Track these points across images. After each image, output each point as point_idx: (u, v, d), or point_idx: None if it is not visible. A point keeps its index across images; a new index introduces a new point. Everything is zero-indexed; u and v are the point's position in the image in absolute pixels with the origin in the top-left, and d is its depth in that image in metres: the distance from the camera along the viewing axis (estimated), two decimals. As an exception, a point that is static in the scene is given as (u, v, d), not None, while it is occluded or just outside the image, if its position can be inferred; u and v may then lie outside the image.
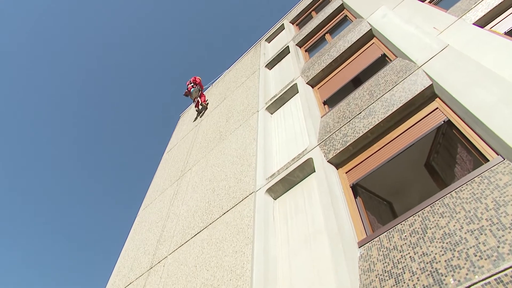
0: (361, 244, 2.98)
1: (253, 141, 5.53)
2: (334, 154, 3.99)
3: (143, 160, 33.54)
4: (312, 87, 5.82)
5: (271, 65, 8.06)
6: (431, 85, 3.52)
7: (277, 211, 4.19)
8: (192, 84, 9.73)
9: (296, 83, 6.01)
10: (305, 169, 4.23)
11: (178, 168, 7.20)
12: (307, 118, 4.97)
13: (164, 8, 30.30)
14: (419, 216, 2.72)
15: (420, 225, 2.64)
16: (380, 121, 3.76)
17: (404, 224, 2.78)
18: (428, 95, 3.56)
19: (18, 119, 28.44)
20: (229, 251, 3.97)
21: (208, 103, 9.44)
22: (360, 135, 3.86)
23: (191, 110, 10.40)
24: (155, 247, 5.32)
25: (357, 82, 5.12)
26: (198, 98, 9.64)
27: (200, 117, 8.96)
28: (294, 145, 4.84)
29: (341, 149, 3.96)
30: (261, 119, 5.97)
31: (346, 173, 3.89)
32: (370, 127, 3.81)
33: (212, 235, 4.48)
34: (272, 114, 6.13)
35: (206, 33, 34.17)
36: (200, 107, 9.53)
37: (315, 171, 4.10)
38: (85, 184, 30.60)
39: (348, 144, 3.93)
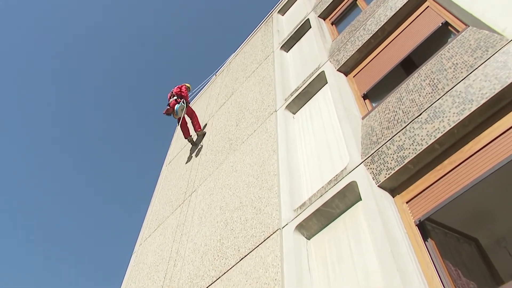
0: (445, 325, 2.33)
1: (273, 154, 4.90)
2: (388, 176, 3.31)
3: (141, 161, 33.65)
4: (346, 75, 5.10)
5: (288, 45, 7.33)
6: (531, 70, 2.77)
7: (313, 257, 3.57)
8: (175, 98, 7.57)
9: (323, 71, 5.30)
10: (347, 196, 3.58)
11: (180, 189, 6.68)
12: (343, 121, 4.28)
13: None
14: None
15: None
16: (452, 126, 3.04)
17: (515, 299, 2.10)
18: (528, 84, 2.80)
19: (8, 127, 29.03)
20: (251, 317, 3.41)
21: (205, 132, 7.59)
22: (424, 147, 3.17)
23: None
24: (157, 302, 4.84)
25: (409, 65, 4.35)
26: (187, 118, 7.71)
27: (196, 146, 7.49)
28: (328, 161, 4.18)
29: (397, 169, 3.27)
30: (280, 122, 5.32)
31: (406, 202, 3.21)
32: (438, 136, 3.10)
33: (228, 290, 3.92)
34: (294, 114, 5.45)
35: (203, 7, 33.33)
36: (194, 137, 7.68)
37: (361, 200, 3.45)
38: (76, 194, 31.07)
39: (406, 161, 3.24)
